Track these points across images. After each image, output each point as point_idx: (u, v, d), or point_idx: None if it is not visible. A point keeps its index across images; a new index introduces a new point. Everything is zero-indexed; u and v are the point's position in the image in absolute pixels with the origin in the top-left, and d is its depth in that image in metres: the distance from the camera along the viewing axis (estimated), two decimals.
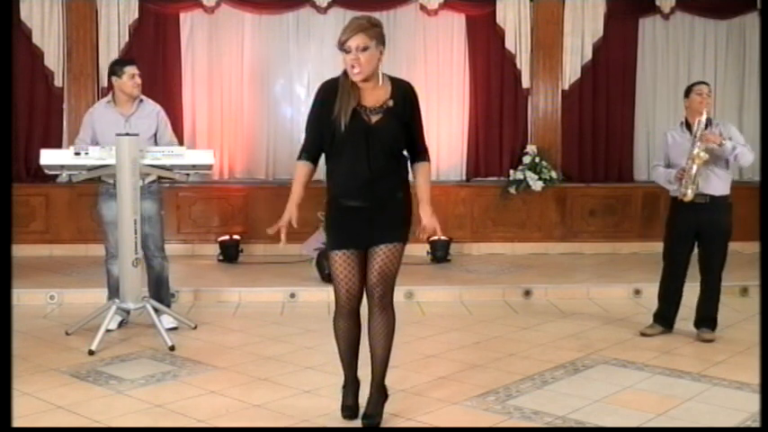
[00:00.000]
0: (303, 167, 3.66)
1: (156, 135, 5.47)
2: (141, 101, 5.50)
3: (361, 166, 3.50)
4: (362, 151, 3.49)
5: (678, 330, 5.42)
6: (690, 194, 5.16)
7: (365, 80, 3.49)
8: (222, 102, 8.62)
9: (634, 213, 8.66)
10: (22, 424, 3.67)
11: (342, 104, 3.47)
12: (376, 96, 3.54)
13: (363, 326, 3.72)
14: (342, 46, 3.44)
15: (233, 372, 4.57)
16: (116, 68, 5.45)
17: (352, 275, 3.60)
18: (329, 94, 3.54)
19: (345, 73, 3.51)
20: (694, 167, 5.11)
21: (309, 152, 3.65)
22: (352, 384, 3.79)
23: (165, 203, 6.19)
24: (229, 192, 8.43)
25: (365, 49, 3.42)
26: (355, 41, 3.41)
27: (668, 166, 5.38)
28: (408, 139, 3.62)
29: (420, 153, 3.70)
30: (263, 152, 8.67)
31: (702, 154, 5.08)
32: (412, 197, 3.67)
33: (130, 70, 5.39)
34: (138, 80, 5.42)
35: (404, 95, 3.59)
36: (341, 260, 3.60)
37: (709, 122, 5.23)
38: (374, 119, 3.52)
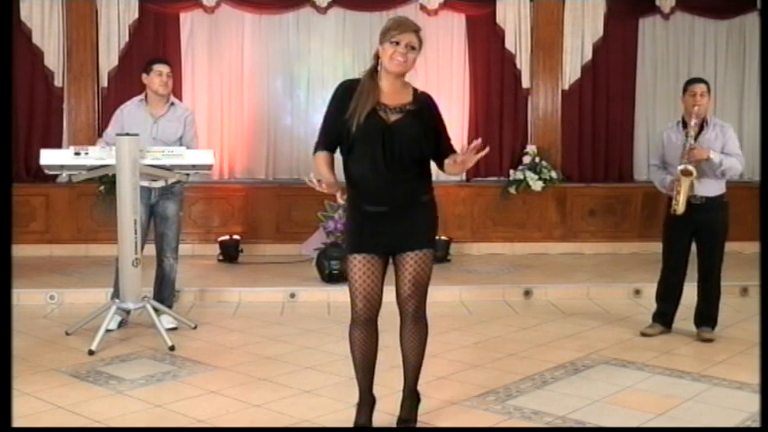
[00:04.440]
0: (321, 156, 3.47)
1: (181, 138, 5.52)
2: (173, 104, 5.55)
3: (378, 166, 3.38)
4: (379, 150, 3.38)
5: (678, 330, 5.42)
6: (681, 209, 5.20)
7: (397, 76, 3.45)
8: (222, 102, 8.63)
9: (634, 213, 8.66)
10: (22, 424, 3.67)
11: (358, 103, 3.39)
12: (397, 98, 3.47)
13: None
14: (391, 39, 3.39)
15: (233, 372, 4.57)
16: (147, 66, 5.51)
17: (371, 281, 3.44)
18: (347, 93, 3.46)
19: (370, 73, 3.48)
20: (683, 186, 5.14)
21: (324, 144, 3.50)
22: (367, 402, 3.61)
23: None
24: (229, 192, 8.43)
25: (413, 48, 3.43)
26: (408, 38, 3.40)
27: (664, 164, 5.39)
28: (436, 146, 3.53)
29: (451, 148, 3.61)
30: (263, 152, 8.67)
31: (690, 168, 5.10)
32: (437, 202, 3.60)
33: (158, 68, 5.43)
34: (166, 79, 5.44)
35: (426, 102, 3.54)
36: (359, 264, 3.44)
37: (704, 124, 5.21)
38: (393, 118, 3.43)
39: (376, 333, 3.54)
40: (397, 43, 3.39)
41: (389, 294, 3.53)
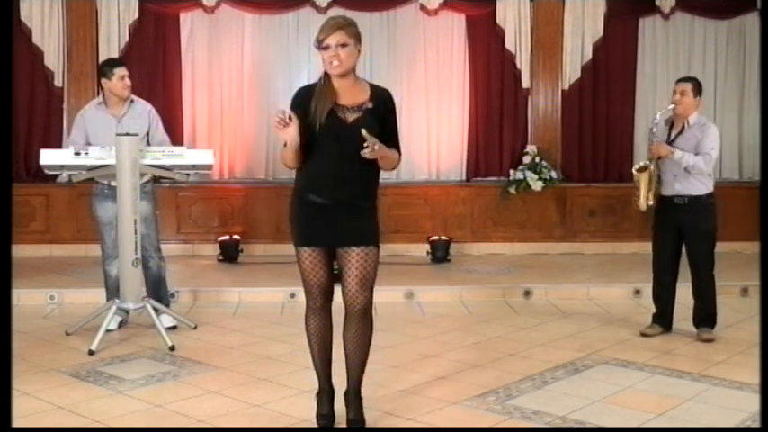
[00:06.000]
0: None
1: (148, 134, 5.45)
2: (132, 101, 5.49)
3: (334, 164, 3.45)
4: (336, 150, 3.44)
5: (678, 330, 5.42)
6: (642, 205, 5.21)
7: (343, 76, 3.48)
8: (222, 102, 8.63)
9: (634, 213, 8.50)
10: (22, 424, 3.67)
11: (318, 104, 3.47)
12: (354, 96, 3.51)
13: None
14: (320, 44, 3.43)
15: (233, 372, 4.57)
16: (105, 70, 5.43)
17: (322, 271, 3.55)
18: (305, 97, 3.54)
19: (324, 76, 3.52)
20: (641, 182, 5.16)
21: None
22: (327, 393, 3.71)
23: (165, 204, 6.20)
24: (229, 192, 8.43)
25: (344, 45, 3.43)
26: (335, 39, 3.42)
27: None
28: (385, 143, 3.48)
29: (395, 146, 3.58)
30: (263, 152, 8.67)
31: (644, 163, 5.14)
32: (378, 210, 3.63)
33: (120, 72, 5.36)
34: (128, 81, 5.39)
35: (383, 100, 3.55)
36: (309, 258, 3.55)
37: (686, 124, 5.21)
38: (351, 117, 3.47)
39: (330, 319, 3.64)
40: (327, 47, 3.43)
41: (392, 295, 3.52)
